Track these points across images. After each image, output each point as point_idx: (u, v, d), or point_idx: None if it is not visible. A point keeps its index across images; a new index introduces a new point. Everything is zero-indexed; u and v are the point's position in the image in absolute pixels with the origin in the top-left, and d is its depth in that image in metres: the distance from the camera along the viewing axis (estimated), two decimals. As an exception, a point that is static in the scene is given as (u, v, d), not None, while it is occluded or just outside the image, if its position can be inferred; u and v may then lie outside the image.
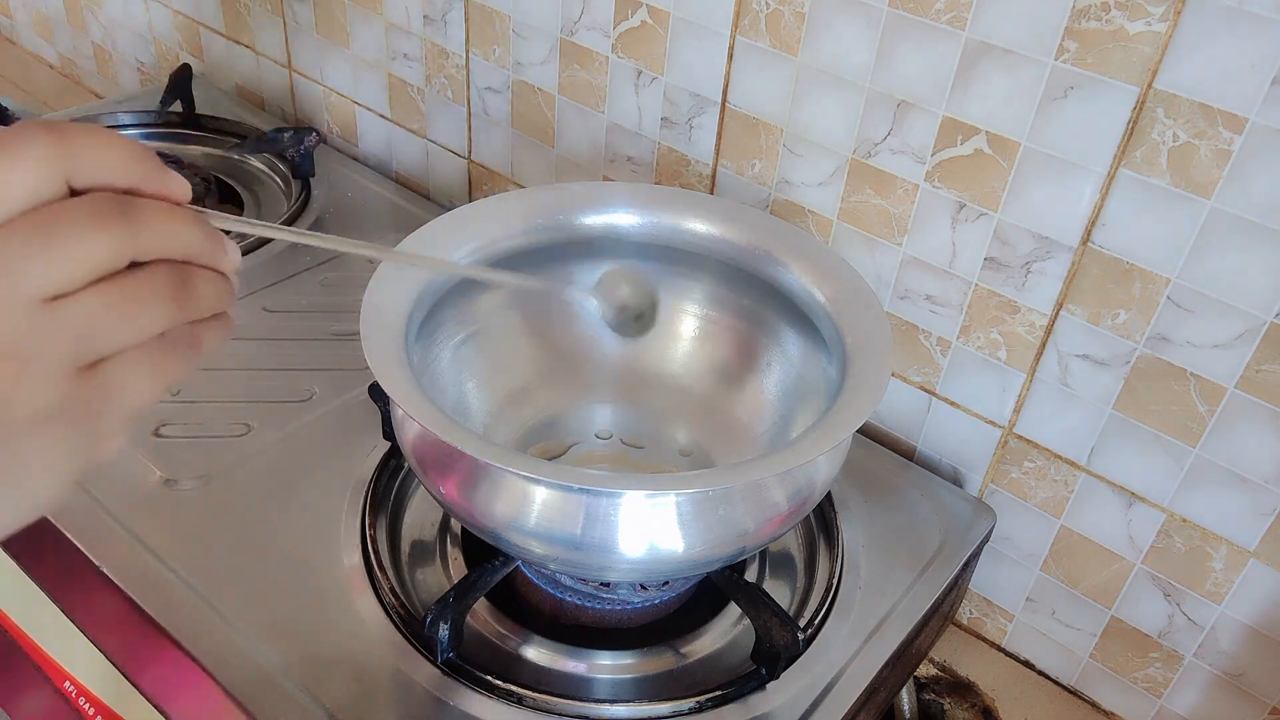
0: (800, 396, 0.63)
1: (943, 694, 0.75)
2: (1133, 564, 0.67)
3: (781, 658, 0.56)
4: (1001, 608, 0.75)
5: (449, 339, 0.62)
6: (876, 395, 0.51)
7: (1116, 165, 0.58)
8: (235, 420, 0.71)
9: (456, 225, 0.61)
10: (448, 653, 0.55)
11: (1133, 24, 0.54)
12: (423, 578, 0.63)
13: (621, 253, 0.65)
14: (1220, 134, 0.53)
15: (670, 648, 0.60)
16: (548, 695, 0.54)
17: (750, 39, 0.70)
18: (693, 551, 0.50)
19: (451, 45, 0.91)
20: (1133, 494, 0.65)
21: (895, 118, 0.65)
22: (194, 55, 1.22)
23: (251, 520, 0.63)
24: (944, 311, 0.69)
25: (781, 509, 0.52)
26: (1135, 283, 0.60)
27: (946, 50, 0.61)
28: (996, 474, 0.71)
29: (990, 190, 0.63)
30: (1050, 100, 0.58)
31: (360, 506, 0.65)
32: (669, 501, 0.49)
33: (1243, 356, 0.57)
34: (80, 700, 0.68)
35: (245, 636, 0.56)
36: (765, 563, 0.67)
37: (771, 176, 0.74)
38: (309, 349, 0.78)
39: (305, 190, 0.97)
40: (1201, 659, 0.66)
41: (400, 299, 0.55)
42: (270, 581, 0.60)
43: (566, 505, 0.49)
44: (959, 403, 0.71)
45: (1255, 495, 0.60)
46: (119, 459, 0.66)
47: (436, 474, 0.53)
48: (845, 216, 0.71)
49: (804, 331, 0.62)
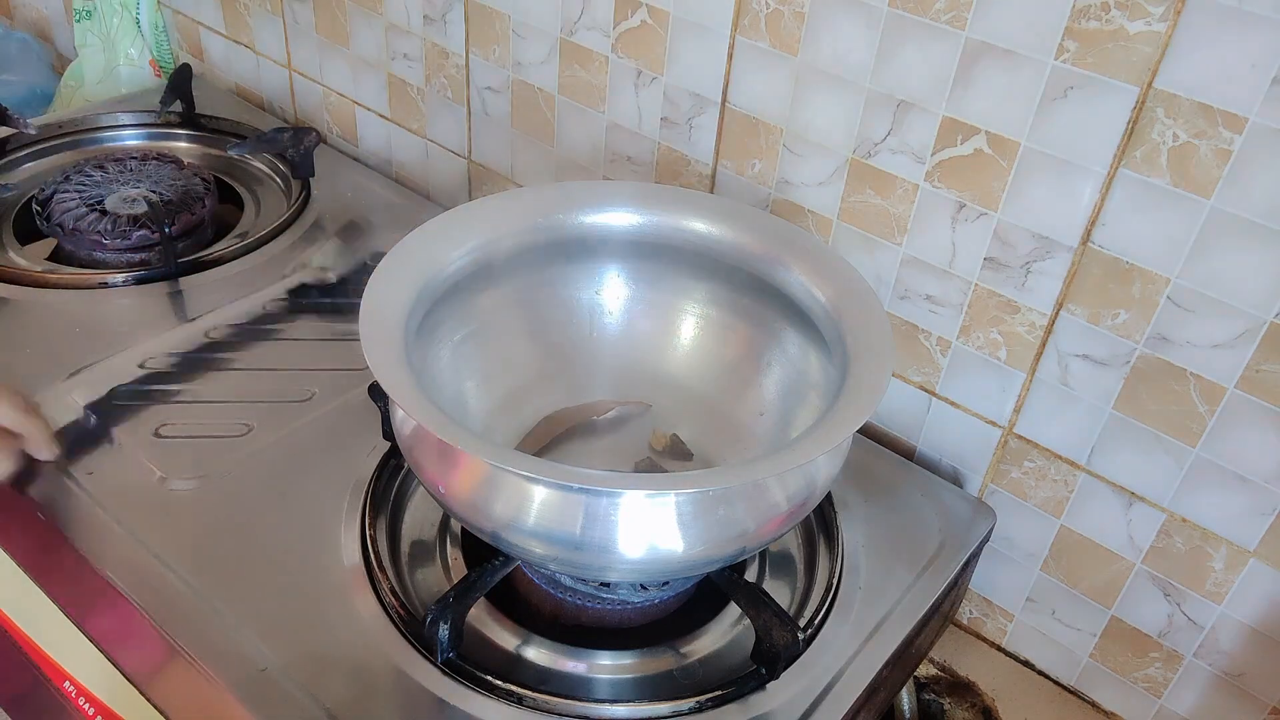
0: (800, 396, 0.63)
1: (943, 694, 0.75)
2: (1133, 564, 0.67)
3: (782, 657, 0.56)
4: (1001, 608, 0.75)
5: (449, 337, 0.62)
6: (877, 395, 0.51)
7: (1116, 165, 0.58)
8: (235, 420, 0.71)
9: (456, 224, 0.61)
10: (448, 653, 0.55)
11: (1133, 24, 0.54)
12: (423, 578, 0.63)
13: (621, 252, 0.65)
14: (1220, 134, 0.53)
15: (670, 648, 0.60)
16: (548, 695, 0.54)
17: (750, 39, 0.70)
18: (693, 552, 0.50)
19: (451, 45, 0.91)
20: (1133, 494, 0.65)
21: (895, 118, 0.65)
22: (194, 55, 1.23)
23: (251, 520, 0.63)
24: (944, 311, 0.69)
25: (782, 509, 0.52)
26: (1135, 282, 0.60)
27: (946, 50, 0.61)
28: (996, 474, 0.71)
29: (990, 190, 0.63)
30: (1050, 100, 0.58)
31: (360, 506, 0.65)
32: (669, 502, 0.49)
33: (1243, 356, 0.57)
34: (80, 700, 0.68)
35: (245, 636, 0.56)
36: (765, 563, 0.67)
37: (771, 176, 0.74)
38: (309, 349, 0.78)
39: (305, 190, 0.97)
40: (1201, 659, 0.66)
41: (400, 298, 0.55)
42: (270, 581, 0.60)
43: (566, 505, 0.49)
44: (959, 403, 0.71)
45: (1255, 495, 0.60)
46: (119, 459, 0.66)
47: (436, 474, 0.53)
48: (845, 216, 0.71)
49: (804, 331, 0.62)
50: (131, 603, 0.58)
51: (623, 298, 0.68)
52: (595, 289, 0.68)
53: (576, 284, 0.67)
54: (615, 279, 0.68)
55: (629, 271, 0.68)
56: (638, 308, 0.68)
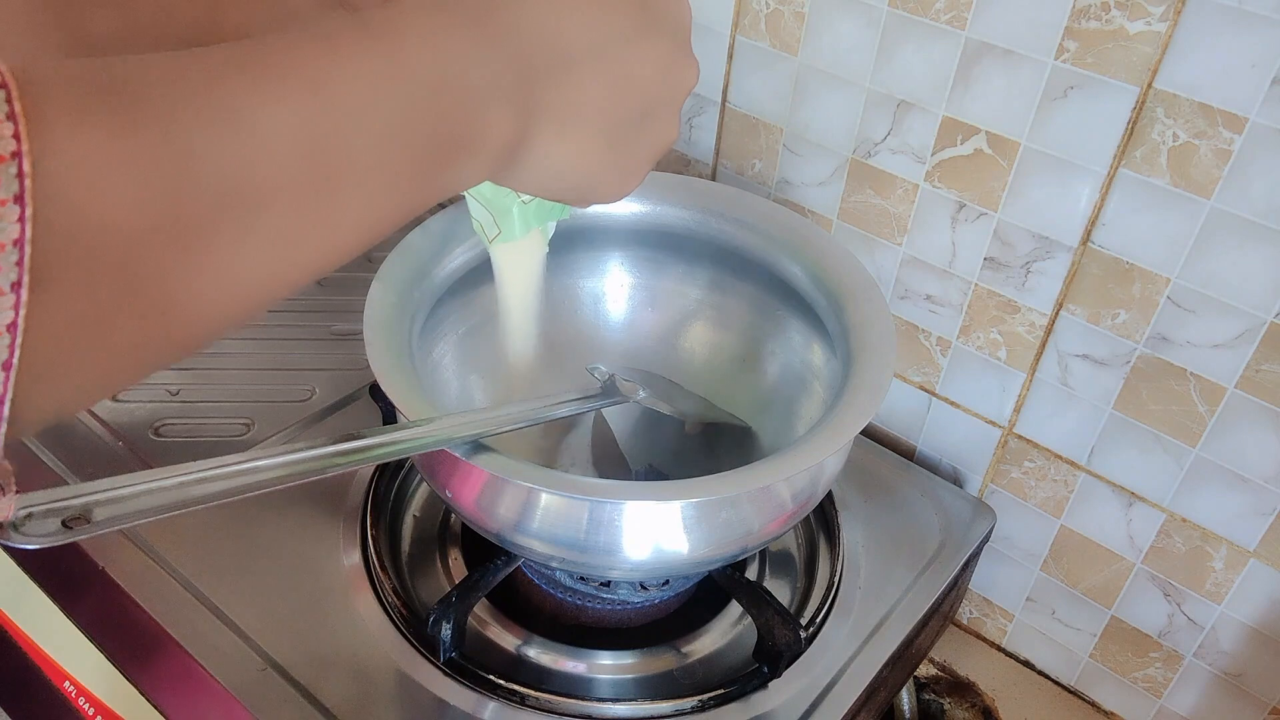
0: (804, 385, 0.62)
1: (943, 694, 0.75)
2: (1133, 564, 0.67)
3: (784, 656, 0.56)
4: (1001, 608, 0.75)
5: (453, 331, 0.62)
6: (880, 393, 0.51)
7: (1116, 165, 0.58)
8: (235, 420, 0.71)
9: (458, 220, 0.61)
10: (450, 652, 0.55)
11: (1133, 24, 0.54)
12: (423, 578, 0.63)
13: (623, 240, 0.65)
14: (1220, 134, 0.54)
15: (671, 647, 0.60)
16: (550, 695, 0.54)
17: (750, 39, 0.70)
18: (696, 553, 0.50)
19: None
20: (1133, 494, 0.65)
21: (895, 117, 0.65)
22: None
23: (251, 520, 0.63)
24: (944, 311, 0.69)
25: (785, 509, 0.52)
26: (1135, 283, 0.60)
27: (946, 50, 0.61)
28: (996, 474, 0.72)
29: (990, 190, 0.63)
30: (1050, 100, 0.59)
31: (360, 506, 0.64)
32: (674, 508, 0.49)
33: (1243, 356, 0.57)
34: (80, 700, 0.68)
35: (245, 636, 0.56)
36: (765, 562, 0.67)
37: (771, 176, 0.74)
38: (309, 349, 0.78)
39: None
40: (1201, 659, 0.66)
41: (403, 297, 0.55)
42: (270, 581, 0.60)
43: (571, 510, 0.49)
44: (959, 403, 0.71)
45: (1255, 495, 0.60)
46: (118, 460, 0.66)
47: (439, 474, 0.53)
48: (845, 216, 0.71)
49: (808, 320, 0.61)
50: (132, 602, 0.58)
51: (626, 285, 0.68)
52: (598, 277, 0.68)
53: (579, 273, 0.67)
54: (618, 267, 0.68)
55: (631, 259, 0.67)
56: (640, 295, 0.68)
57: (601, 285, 0.68)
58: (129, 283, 0.23)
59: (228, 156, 0.24)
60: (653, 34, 0.36)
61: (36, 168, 0.20)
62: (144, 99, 0.23)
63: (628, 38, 0.35)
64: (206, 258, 0.24)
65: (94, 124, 0.22)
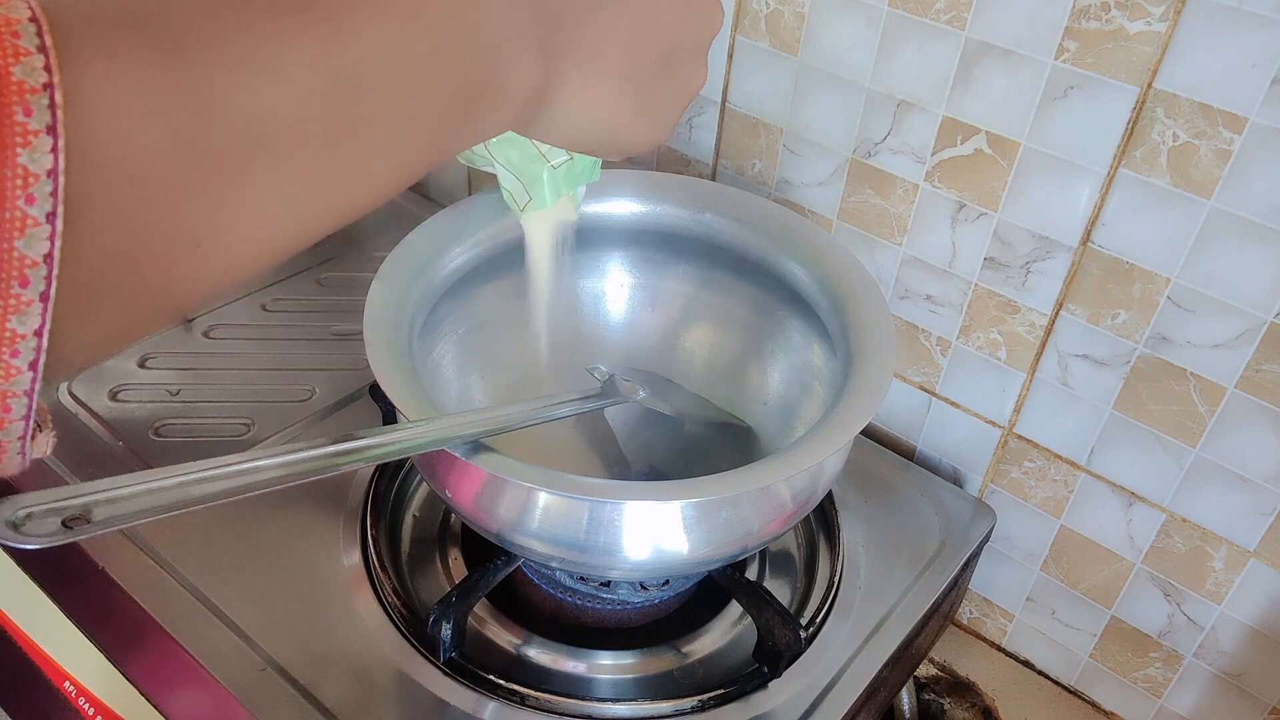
0: (803, 385, 0.62)
1: (943, 694, 0.75)
2: (1133, 564, 0.67)
3: (784, 656, 0.56)
4: (1001, 608, 0.75)
5: (453, 331, 0.62)
6: (879, 395, 0.51)
7: (1116, 165, 0.58)
8: (235, 420, 0.71)
9: (458, 220, 0.61)
10: (450, 652, 0.55)
11: (1133, 24, 0.54)
12: (423, 578, 0.63)
13: (623, 240, 0.65)
14: (1220, 134, 0.54)
15: (671, 647, 0.60)
16: (550, 695, 0.54)
17: (750, 39, 0.70)
18: (696, 553, 0.50)
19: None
20: (1133, 494, 0.65)
21: (895, 117, 0.66)
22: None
23: (251, 520, 0.63)
24: (944, 311, 0.69)
25: (785, 509, 0.52)
26: (1135, 283, 0.60)
27: (946, 50, 0.61)
28: (996, 474, 0.72)
29: (990, 190, 0.63)
30: (1050, 100, 0.59)
31: (360, 506, 0.64)
32: (674, 508, 0.49)
33: (1243, 356, 0.57)
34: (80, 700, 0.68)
35: (245, 636, 0.56)
36: (765, 562, 0.67)
37: (772, 176, 0.74)
38: (309, 349, 0.78)
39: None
40: (1201, 659, 0.66)
41: (403, 297, 0.55)
42: (270, 581, 0.60)
43: (571, 510, 0.49)
44: (959, 403, 0.71)
45: (1255, 495, 0.60)
46: (117, 460, 0.66)
47: (439, 474, 0.53)
48: (845, 216, 0.71)
49: (807, 320, 0.61)
50: (132, 602, 0.58)
51: (626, 285, 0.68)
52: (598, 277, 0.68)
53: (579, 272, 0.67)
54: (618, 268, 0.68)
55: (631, 259, 0.67)
56: (640, 295, 0.68)
57: (601, 285, 0.68)
58: (158, 220, 0.23)
59: (255, 95, 0.24)
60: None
61: (68, 99, 0.20)
62: (172, 35, 0.23)
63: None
64: (233, 197, 0.24)
65: (124, 58, 0.22)
